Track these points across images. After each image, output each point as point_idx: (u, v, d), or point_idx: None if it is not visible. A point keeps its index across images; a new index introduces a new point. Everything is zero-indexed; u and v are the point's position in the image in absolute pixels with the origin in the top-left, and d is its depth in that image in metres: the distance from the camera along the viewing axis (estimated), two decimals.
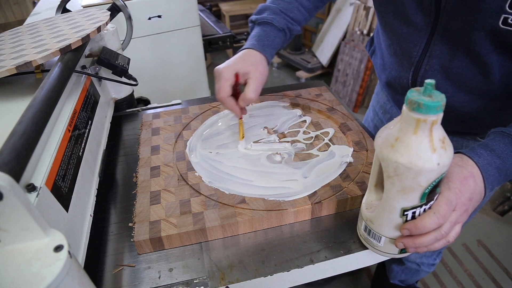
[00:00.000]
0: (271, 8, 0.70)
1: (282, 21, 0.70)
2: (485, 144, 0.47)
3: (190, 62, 1.58)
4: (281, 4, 0.71)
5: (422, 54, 0.61)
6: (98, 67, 0.76)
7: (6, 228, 0.30)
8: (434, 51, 0.59)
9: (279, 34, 0.70)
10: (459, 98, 0.62)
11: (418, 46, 0.61)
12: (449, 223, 0.42)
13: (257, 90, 0.63)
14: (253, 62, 0.64)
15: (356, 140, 0.68)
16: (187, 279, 0.48)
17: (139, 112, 0.87)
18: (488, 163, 0.45)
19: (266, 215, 0.53)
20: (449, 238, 0.43)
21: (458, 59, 0.57)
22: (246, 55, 0.65)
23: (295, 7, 0.72)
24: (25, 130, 0.37)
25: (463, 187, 0.43)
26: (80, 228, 0.49)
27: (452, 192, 0.42)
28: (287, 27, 0.71)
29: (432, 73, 0.61)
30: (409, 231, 0.42)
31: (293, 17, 0.72)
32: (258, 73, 0.63)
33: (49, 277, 0.29)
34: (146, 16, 1.39)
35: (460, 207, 0.43)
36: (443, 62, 0.59)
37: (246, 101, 0.62)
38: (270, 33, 0.69)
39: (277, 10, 0.70)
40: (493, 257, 1.44)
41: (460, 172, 0.44)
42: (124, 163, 0.70)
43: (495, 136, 0.48)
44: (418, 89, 0.37)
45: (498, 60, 0.54)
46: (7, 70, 0.51)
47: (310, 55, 2.92)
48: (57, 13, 0.90)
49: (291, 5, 0.71)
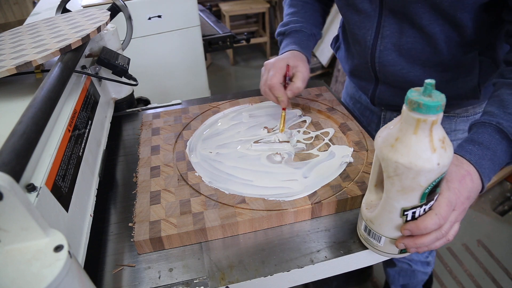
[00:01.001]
0: (293, 21, 0.79)
1: (307, 28, 0.79)
2: (471, 139, 0.48)
3: (190, 62, 1.58)
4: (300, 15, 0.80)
5: (375, 37, 0.67)
6: (98, 67, 0.76)
7: (6, 228, 0.30)
8: (384, 32, 0.65)
9: (309, 38, 0.79)
10: (414, 72, 0.66)
11: (371, 30, 0.67)
12: (449, 223, 0.43)
13: (304, 81, 0.70)
14: (300, 58, 0.72)
15: (356, 140, 0.68)
16: (187, 279, 0.48)
17: (139, 112, 0.87)
18: (481, 158, 0.46)
19: (266, 215, 0.53)
20: (448, 236, 0.44)
21: (406, 35, 0.63)
22: (292, 54, 0.73)
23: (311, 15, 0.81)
24: (25, 130, 0.37)
25: (461, 186, 0.44)
26: (80, 228, 0.49)
27: (452, 192, 0.43)
28: (313, 33, 0.80)
29: (387, 52, 0.66)
30: (410, 231, 0.42)
31: (313, 23, 0.81)
32: (305, 68, 0.71)
33: (49, 277, 0.29)
34: (146, 16, 1.39)
35: (459, 207, 0.43)
36: (394, 40, 0.65)
37: (294, 90, 0.69)
38: (303, 38, 0.78)
39: (299, 21, 0.79)
40: (493, 257, 1.44)
41: (457, 172, 0.45)
42: (124, 163, 0.70)
43: (477, 129, 0.49)
44: (418, 89, 0.37)
45: (440, 30, 0.59)
46: (7, 70, 0.51)
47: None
48: (57, 13, 0.90)
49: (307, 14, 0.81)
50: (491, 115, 0.49)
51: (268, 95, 0.71)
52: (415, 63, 0.66)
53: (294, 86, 0.69)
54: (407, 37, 0.63)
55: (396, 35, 0.64)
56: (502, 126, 0.47)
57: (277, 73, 0.69)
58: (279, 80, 0.69)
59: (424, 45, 0.63)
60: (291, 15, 0.81)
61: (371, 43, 0.68)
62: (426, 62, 0.65)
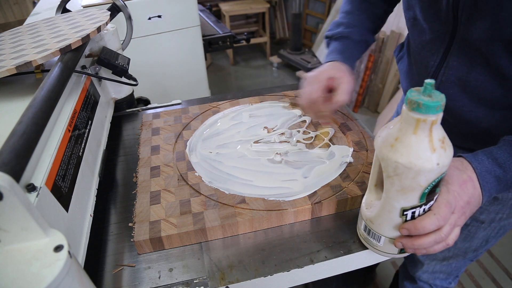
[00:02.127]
0: (345, 23, 0.73)
1: (358, 33, 0.72)
2: (489, 151, 0.46)
3: (190, 62, 1.58)
4: (354, 17, 0.73)
5: (439, 65, 0.59)
6: (98, 67, 0.76)
7: (6, 228, 0.30)
8: (451, 62, 0.57)
9: (357, 46, 0.72)
10: (477, 112, 0.57)
11: (436, 55, 0.59)
12: (448, 226, 0.42)
13: (349, 93, 0.63)
14: (343, 69, 0.66)
15: (356, 140, 0.68)
16: (187, 279, 0.48)
17: (139, 112, 0.87)
18: (487, 171, 0.45)
19: (266, 215, 0.53)
20: (448, 241, 0.43)
21: (476, 72, 0.54)
22: (334, 65, 0.67)
23: (367, 18, 0.73)
24: (25, 130, 0.37)
25: (461, 190, 0.43)
26: (80, 228, 0.49)
27: (451, 194, 0.42)
28: (363, 39, 0.73)
29: (449, 85, 0.58)
30: (408, 231, 0.42)
31: (367, 28, 0.73)
32: (349, 79, 0.64)
33: (49, 277, 0.29)
34: (146, 16, 1.39)
35: (458, 210, 0.43)
36: (460, 74, 0.56)
37: (339, 103, 0.62)
38: (349, 45, 0.71)
39: (351, 24, 0.72)
40: (493, 257, 1.44)
41: (459, 176, 0.44)
42: (124, 163, 0.70)
43: (503, 144, 0.47)
44: (417, 89, 0.37)
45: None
46: (7, 70, 0.51)
47: (310, 55, 2.92)
48: (57, 13, 0.90)
49: (363, 16, 0.73)
50: None
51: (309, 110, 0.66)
52: (480, 103, 0.57)
53: (339, 99, 0.62)
54: (476, 73, 0.54)
55: (465, 69, 0.55)
56: None
57: (318, 87, 0.63)
58: (319, 95, 0.63)
59: (496, 86, 0.54)
60: (345, 15, 0.74)
61: (433, 70, 0.60)
62: (493, 103, 0.56)
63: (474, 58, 0.54)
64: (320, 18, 2.94)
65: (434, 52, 0.59)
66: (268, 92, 0.86)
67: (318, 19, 2.98)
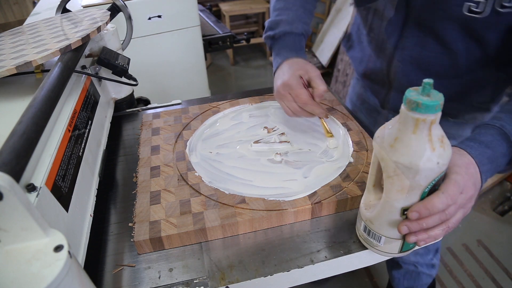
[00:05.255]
0: (285, 20, 0.74)
1: (299, 28, 0.74)
2: (472, 137, 0.48)
3: (190, 62, 1.58)
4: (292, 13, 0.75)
5: (395, 46, 0.66)
6: (98, 67, 0.76)
7: (6, 228, 0.30)
8: (406, 43, 0.64)
9: (300, 38, 0.75)
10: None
11: (391, 38, 0.66)
12: (454, 206, 0.41)
13: (323, 81, 0.67)
14: (303, 64, 0.67)
15: (356, 140, 0.68)
16: (187, 279, 0.48)
17: (139, 112, 0.87)
18: (480, 154, 0.46)
19: (266, 215, 0.53)
20: (449, 223, 0.42)
21: (427, 49, 0.62)
22: (291, 63, 0.68)
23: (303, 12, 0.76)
24: (25, 130, 0.37)
25: (468, 171, 0.43)
26: (80, 228, 0.49)
27: (460, 175, 0.41)
28: (304, 31, 0.75)
29: (405, 63, 0.66)
30: (418, 213, 0.40)
31: (305, 22, 0.76)
32: (314, 69, 0.67)
33: (49, 277, 0.29)
34: (146, 16, 1.39)
35: (466, 191, 0.42)
36: (414, 53, 0.64)
37: (321, 94, 0.66)
38: (295, 39, 0.74)
39: (291, 20, 0.74)
40: (493, 257, 1.44)
41: (462, 159, 0.44)
42: (124, 163, 0.70)
43: (480, 129, 0.49)
44: (416, 89, 0.37)
45: (465, 47, 0.60)
46: (7, 70, 0.51)
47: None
48: (57, 13, 0.90)
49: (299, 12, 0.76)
50: (497, 119, 0.49)
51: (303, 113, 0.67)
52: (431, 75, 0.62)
53: (320, 91, 0.65)
54: (428, 51, 0.63)
55: (417, 48, 0.63)
56: (505, 128, 0.47)
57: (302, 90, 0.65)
58: (308, 96, 0.65)
59: (444, 59, 0.63)
60: (280, 12, 0.76)
61: (390, 52, 0.67)
62: (442, 74, 0.65)
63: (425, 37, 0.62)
64: (320, 18, 2.94)
65: (390, 35, 0.66)
66: (268, 92, 0.86)
67: (318, 19, 2.98)
